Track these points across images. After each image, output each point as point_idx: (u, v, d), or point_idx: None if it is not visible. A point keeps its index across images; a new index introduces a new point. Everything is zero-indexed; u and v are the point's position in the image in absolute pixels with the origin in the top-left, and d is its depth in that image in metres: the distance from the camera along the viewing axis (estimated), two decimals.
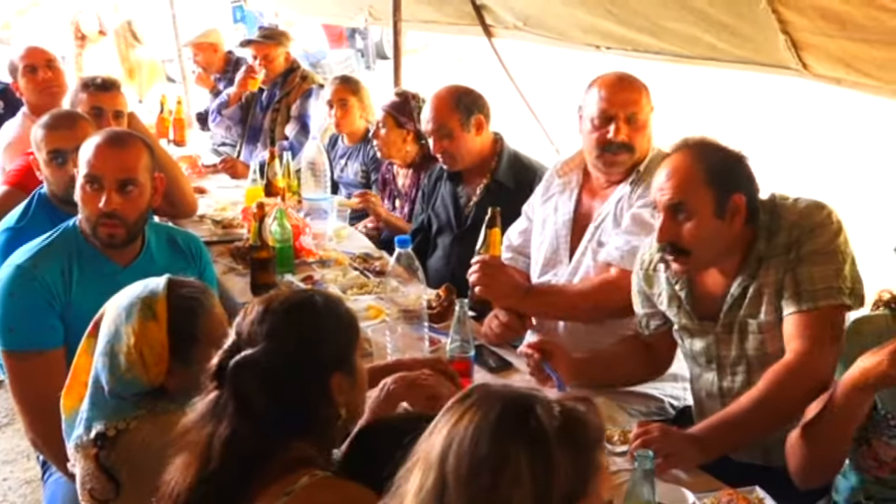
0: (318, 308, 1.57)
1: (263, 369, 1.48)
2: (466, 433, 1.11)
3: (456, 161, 3.31)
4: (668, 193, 2.12)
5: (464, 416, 1.13)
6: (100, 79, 3.42)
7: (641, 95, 2.59)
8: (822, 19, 2.61)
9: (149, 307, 1.80)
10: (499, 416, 1.12)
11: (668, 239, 2.14)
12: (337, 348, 1.56)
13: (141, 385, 1.80)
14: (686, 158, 2.14)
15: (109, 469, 1.77)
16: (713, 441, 2.04)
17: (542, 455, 1.10)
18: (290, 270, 3.23)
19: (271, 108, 4.99)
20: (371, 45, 13.31)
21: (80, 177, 2.39)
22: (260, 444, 1.45)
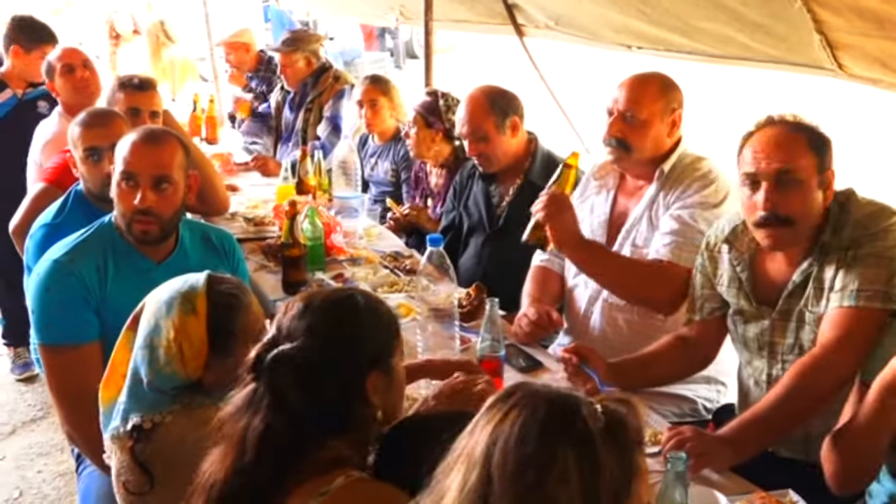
0: (358, 307, 1.58)
1: (300, 365, 1.49)
2: (513, 431, 1.12)
3: (492, 163, 3.31)
4: (776, 162, 2.08)
5: (509, 414, 1.14)
6: (137, 79, 3.45)
7: (645, 94, 2.60)
8: (858, 19, 2.58)
9: (189, 302, 1.83)
10: (546, 414, 1.13)
11: (774, 208, 2.09)
12: (375, 347, 1.57)
13: (179, 379, 1.82)
14: (784, 128, 2.12)
15: (144, 462, 1.79)
16: (744, 440, 2.04)
17: (589, 454, 1.11)
18: (321, 268, 3.25)
19: (304, 108, 5.02)
20: (401, 45, 13.35)
21: (116, 173, 2.42)
22: (294, 440, 1.46)
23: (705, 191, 2.57)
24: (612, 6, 3.58)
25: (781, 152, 2.08)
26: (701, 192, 2.57)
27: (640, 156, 2.64)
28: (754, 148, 2.12)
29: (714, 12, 3.10)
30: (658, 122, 2.61)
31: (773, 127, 2.14)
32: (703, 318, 2.43)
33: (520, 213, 3.25)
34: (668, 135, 2.64)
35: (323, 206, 3.64)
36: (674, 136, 2.66)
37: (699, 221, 2.53)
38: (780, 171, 2.08)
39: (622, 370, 2.41)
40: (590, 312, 2.77)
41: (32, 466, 3.74)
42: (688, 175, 2.61)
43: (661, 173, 2.64)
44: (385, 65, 11.84)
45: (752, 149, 2.13)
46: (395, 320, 1.65)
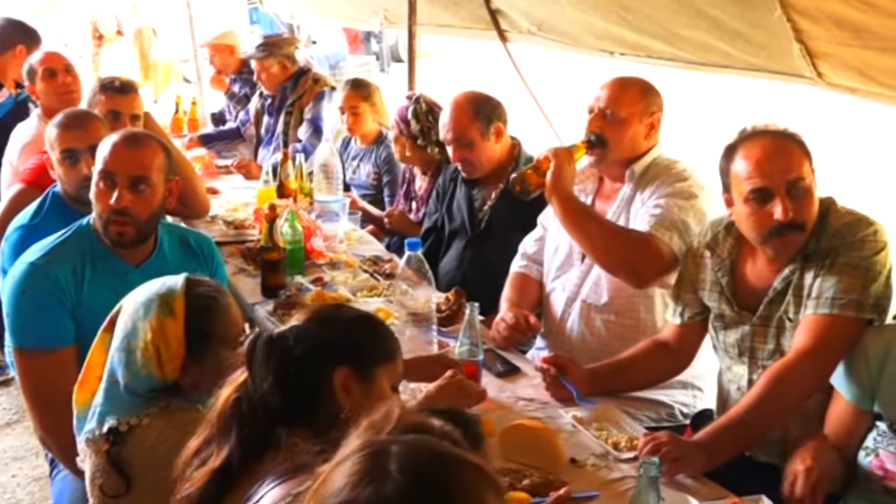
0: (354, 312, 1.67)
1: (275, 343, 1.54)
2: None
3: (475, 169, 3.32)
4: (785, 172, 2.10)
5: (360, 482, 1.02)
6: (118, 81, 3.44)
7: (626, 94, 2.65)
8: (837, 28, 2.60)
9: (167, 304, 1.82)
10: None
11: (792, 217, 2.10)
12: (354, 346, 1.58)
13: (155, 381, 1.82)
14: (777, 137, 2.15)
15: (120, 465, 1.78)
16: (719, 445, 2.05)
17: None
18: (301, 272, 3.24)
19: (284, 111, 5.02)
20: (386, 49, 13.35)
21: (95, 174, 2.41)
22: (260, 416, 1.52)
23: (679, 184, 2.59)
24: (594, 12, 3.59)
25: (788, 161, 2.11)
26: (675, 185, 2.59)
27: (616, 154, 2.66)
28: (757, 160, 2.13)
29: (695, 20, 3.11)
30: (637, 122, 2.65)
31: (766, 137, 2.16)
32: (683, 322, 2.44)
33: (502, 218, 3.27)
34: (645, 136, 2.68)
35: (303, 210, 3.63)
36: (651, 139, 2.69)
37: (678, 209, 2.54)
38: (792, 181, 2.10)
39: (600, 376, 2.42)
40: (567, 314, 2.78)
41: (6, 471, 3.70)
42: (662, 174, 2.64)
43: (633, 173, 2.67)
44: (370, 68, 11.84)
45: (751, 161, 2.13)
46: (392, 340, 1.67)
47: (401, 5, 4.60)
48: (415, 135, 3.75)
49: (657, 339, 2.51)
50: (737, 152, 2.17)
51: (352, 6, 5.71)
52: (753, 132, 2.19)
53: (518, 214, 3.16)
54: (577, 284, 2.76)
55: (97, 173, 2.40)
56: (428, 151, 3.77)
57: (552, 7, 3.86)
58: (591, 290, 2.72)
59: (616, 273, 2.60)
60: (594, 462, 2.07)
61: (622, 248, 2.54)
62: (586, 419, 2.24)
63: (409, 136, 3.77)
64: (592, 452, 2.11)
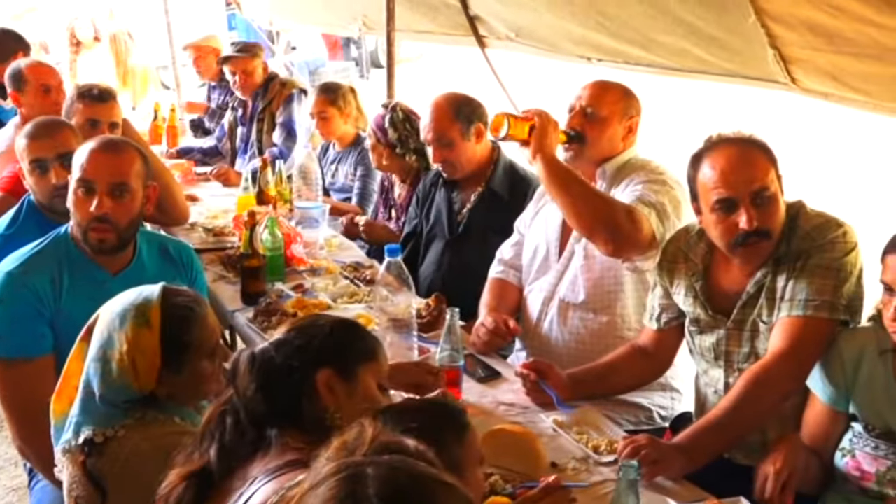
0: (331, 318, 1.68)
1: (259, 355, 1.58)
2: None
3: (456, 170, 3.33)
4: (749, 182, 2.12)
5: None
6: (96, 89, 3.42)
7: (608, 94, 2.68)
8: (810, 33, 2.64)
9: (143, 314, 1.81)
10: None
11: (759, 225, 2.13)
12: (335, 347, 1.60)
13: (131, 392, 1.80)
14: (742, 145, 2.17)
15: (96, 476, 1.77)
16: (698, 448, 2.06)
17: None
18: (281, 279, 3.23)
19: (255, 119, 5.03)
20: (366, 55, 13.35)
21: (72, 182, 2.40)
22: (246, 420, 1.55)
23: (654, 176, 2.61)
24: (571, 19, 3.62)
25: (751, 171, 2.13)
26: (650, 176, 2.62)
27: (592, 151, 2.68)
28: (721, 170, 2.15)
29: (672, 26, 3.14)
30: (616, 122, 2.68)
31: (731, 146, 2.17)
32: (660, 327, 2.47)
33: (480, 220, 3.28)
34: (622, 138, 2.71)
35: (283, 217, 3.63)
36: (627, 142, 2.72)
37: (655, 194, 2.55)
38: (756, 191, 2.12)
39: (580, 381, 2.43)
40: (545, 314, 2.79)
41: None
42: (636, 171, 2.66)
43: (604, 172, 2.70)
44: (350, 74, 11.83)
45: (716, 171, 2.15)
46: (372, 339, 1.69)
47: (379, 11, 4.61)
48: (392, 143, 3.76)
49: (635, 343, 2.53)
50: (702, 161, 2.20)
51: (330, 12, 5.71)
52: (719, 140, 2.21)
53: (496, 217, 3.18)
54: (553, 284, 2.78)
55: (75, 181, 2.39)
56: (406, 159, 3.78)
57: (530, 13, 3.89)
58: (569, 288, 2.74)
59: (595, 235, 2.53)
60: (575, 466, 2.08)
61: (605, 209, 2.51)
62: (567, 423, 2.26)
63: (386, 144, 3.78)
64: (573, 456, 2.12)
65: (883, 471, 1.96)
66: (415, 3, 4.56)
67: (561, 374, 2.39)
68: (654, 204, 2.53)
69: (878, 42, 2.42)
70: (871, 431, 1.98)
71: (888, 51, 2.43)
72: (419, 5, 4.57)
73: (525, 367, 2.40)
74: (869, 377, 2.00)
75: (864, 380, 2.01)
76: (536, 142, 2.56)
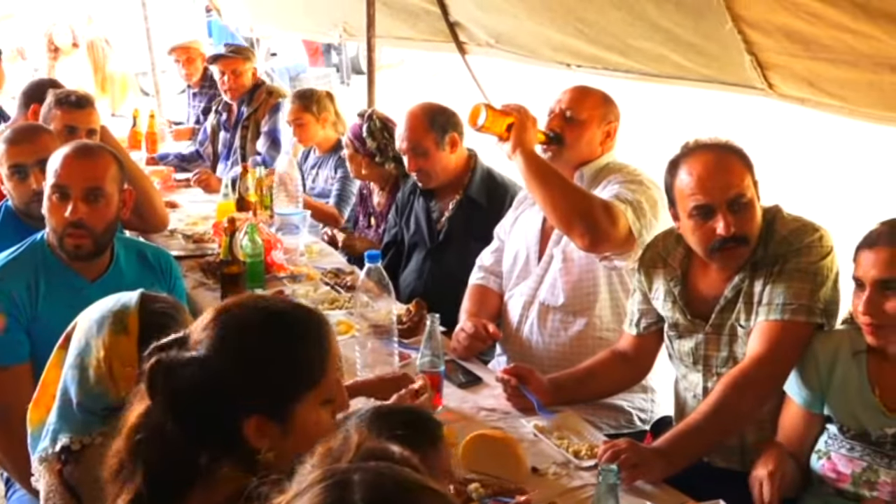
0: (268, 319, 1.42)
1: (180, 374, 1.37)
2: None
3: (431, 179, 3.33)
4: (726, 188, 2.14)
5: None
6: (74, 96, 3.40)
7: (587, 99, 2.72)
8: (787, 39, 2.66)
9: (120, 321, 1.78)
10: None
11: (736, 231, 2.15)
12: (265, 387, 1.37)
13: (109, 400, 1.78)
14: (718, 152, 2.18)
15: (72, 485, 1.75)
16: (678, 452, 2.07)
17: None
18: (261, 285, 3.22)
19: (240, 126, 5.00)
20: (346, 61, 13.33)
21: (47, 188, 2.39)
22: (170, 449, 1.37)
23: (631, 177, 2.64)
24: (550, 25, 3.64)
25: (729, 177, 2.14)
26: (627, 176, 2.64)
27: (571, 154, 2.71)
28: (698, 176, 2.16)
29: (649, 32, 3.16)
30: (595, 126, 2.72)
31: (708, 153, 2.19)
32: (640, 332, 2.48)
33: (460, 228, 3.29)
34: (600, 143, 2.74)
35: (264, 223, 3.62)
36: (605, 146, 2.75)
37: (631, 192, 2.57)
38: (732, 198, 2.13)
39: (561, 385, 2.44)
40: (525, 318, 2.80)
41: None
42: (613, 174, 2.69)
43: (582, 175, 2.72)
44: (331, 80, 11.81)
45: (693, 178, 2.17)
46: (316, 353, 1.43)
47: (360, 17, 4.60)
48: (371, 152, 3.76)
49: (615, 349, 2.54)
50: (679, 168, 2.21)
51: (311, 18, 5.71)
52: (695, 146, 2.23)
53: (475, 224, 3.18)
54: (533, 288, 2.79)
55: (49, 187, 2.37)
56: (385, 167, 3.78)
57: (510, 20, 3.90)
58: (549, 291, 2.75)
59: (573, 228, 2.53)
60: (555, 471, 2.08)
61: (582, 202, 2.52)
62: (548, 428, 2.26)
63: (365, 153, 3.78)
64: (554, 461, 2.12)
65: (858, 472, 1.97)
66: (395, 9, 4.57)
67: (542, 379, 2.39)
68: (631, 201, 2.55)
69: (853, 48, 2.45)
70: (846, 433, 2.00)
71: (863, 57, 2.46)
72: (399, 12, 4.58)
73: (506, 372, 2.40)
74: (843, 379, 2.02)
75: (838, 381, 2.03)
76: (516, 137, 2.58)
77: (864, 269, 1.93)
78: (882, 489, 1.94)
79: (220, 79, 4.99)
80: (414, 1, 4.41)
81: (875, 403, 1.97)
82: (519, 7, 3.71)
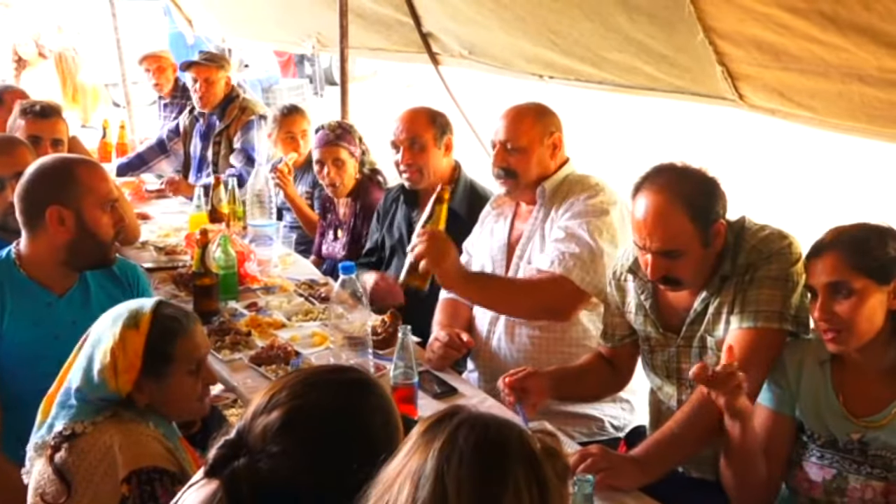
0: (352, 431, 1.36)
1: (264, 481, 1.33)
2: (465, 449, 1.16)
3: (422, 176, 3.28)
4: (657, 242, 2.14)
5: (456, 434, 1.17)
6: (39, 105, 3.36)
7: (522, 124, 2.73)
8: (757, 51, 2.69)
9: (134, 318, 1.85)
10: (495, 434, 1.18)
11: (663, 275, 2.17)
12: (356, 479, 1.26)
13: (107, 390, 1.80)
14: (665, 196, 2.14)
15: (63, 471, 1.74)
16: (653, 460, 2.07)
17: (536, 475, 1.17)
18: (235, 297, 3.19)
19: (212, 140, 4.93)
20: (320, 72, 13.30)
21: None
22: None
23: (591, 200, 2.65)
24: (523, 36, 3.65)
25: (661, 229, 2.13)
26: (587, 201, 2.66)
27: (527, 180, 2.74)
28: (636, 220, 2.17)
29: (622, 44, 3.18)
30: (538, 146, 2.73)
31: (655, 194, 2.15)
32: (614, 345, 2.48)
33: None
34: (550, 157, 2.76)
35: (237, 235, 3.58)
36: (557, 158, 2.77)
37: (590, 231, 2.59)
38: (661, 250, 2.14)
39: (560, 378, 2.42)
40: (492, 332, 2.80)
41: None
42: (575, 189, 2.71)
43: (543, 191, 2.74)
44: (304, 92, 11.76)
45: (636, 217, 2.18)
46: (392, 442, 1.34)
47: (333, 28, 4.59)
48: (361, 161, 3.79)
49: (600, 352, 2.54)
50: (635, 197, 2.21)
51: (283, 29, 5.69)
52: (652, 177, 2.19)
53: (456, 236, 3.16)
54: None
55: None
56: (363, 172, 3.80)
57: (483, 31, 3.91)
58: None
59: (537, 319, 2.68)
60: None
61: (529, 298, 2.63)
62: None
63: (357, 161, 3.81)
64: None
65: (829, 479, 1.98)
66: (368, 20, 4.57)
67: (543, 380, 2.35)
68: (578, 255, 2.56)
69: (822, 59, 2.48)
70: (816, 441, 2.01)
71: (832, 67, 2.49)
72: (373, 23, 4.58)
73: (507, 385, 2.31)
74: (810, 387, 2.04)
75: (805, 390, 2.05)
76: (441, 277, 2.58)
77: (815, 277, 1.96)
78: (852, 495, 1.96)
79: (193, 86, 4.89)
80: (387, 12, 4.42)
81: (840, 410, 1.99)
82: (492, 18, 3.72)
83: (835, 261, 1.92)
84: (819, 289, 1.95)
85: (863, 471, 1.95)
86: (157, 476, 1.70)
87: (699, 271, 2.19)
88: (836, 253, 1.93)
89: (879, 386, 1.97)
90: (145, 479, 1.69)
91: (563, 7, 3.26)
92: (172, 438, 1.88)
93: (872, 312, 1.91)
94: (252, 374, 2.62)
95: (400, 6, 4.28)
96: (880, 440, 1.93)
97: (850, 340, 1.93)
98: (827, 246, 1.96)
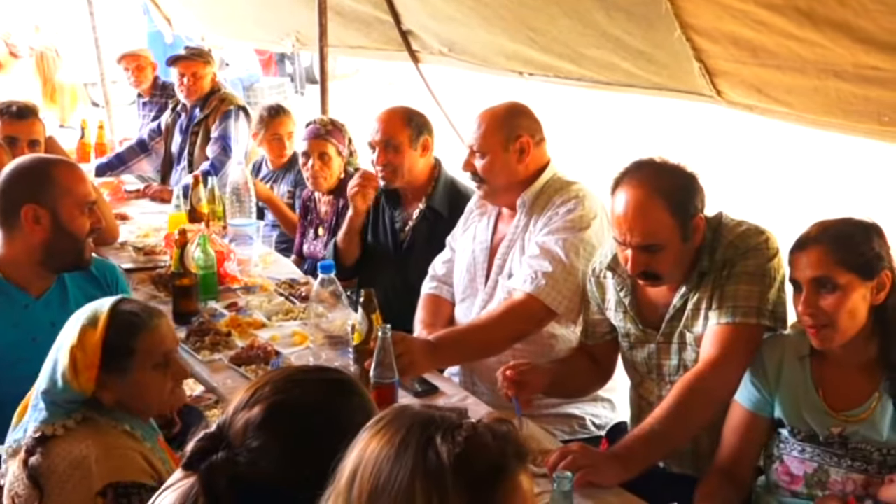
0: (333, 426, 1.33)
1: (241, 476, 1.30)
2: (371, 456, 1.11)
3: (396, 176, 3.27)
4: (637, 236, 2.14)
5: (373, 439, 1.13)
6: (15, 106, 3.34)
7: (486, 128, 2.67)
8: (734, 47, 2.70)
9: (92, 316, 1.85)
10: (401, 442, 1.11)
11: (643, 269, 2.18)
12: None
13: (72, 391, 1.79)
14: (644, 190, 2.15)
15: (37, 476, 1.73)
16: (633, 456, 2.08)
17: (438, 488, 1.08)
18: (214, 297, 3.17)
19: (190, 131, 4.92)
20: (301, 70, 13.25)
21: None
22: None
23: (571, 215, 2.60)
24: (503, 34, 3.65)
25: (641, 223, 2.14)
26: (567, 216, 2.61)
27: (494, 185, 2.70)
28: (616, 214, 2.18)
29: (600, 40, 3.19)
30: (500, 152, 2.66)
31: (635, 189, 2.16)
32: (595, 342, 2.49)
33: (423, 239, 3.27)
34: (518, 162, 2.68)
35: (216, 234, 3.56)
36: (527, 163, 2.69)
37: (566, 249, 2.55)
38: (641, 244, 2.15)
39: (559, 374, 2.42)
40: None
41: None
42: (556, 199, 2.66)
43: (524, 202, 2.70)
44: (285, 90, 11.71)
45: (616, 212, 2.19)
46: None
47: (312, 27, 4.57)
48: (347, 161, 3.79)
49: (581, 348, 2.55)
50: (615, 192, 2.21)
51: (262, 28, 5.66)
52: (632, 172, 2.21)
53: (438, 234, 3.17)
54: (480, 308, 2.77)
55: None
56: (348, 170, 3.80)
57: (463, 29, 3.91)
58: None
59: (512, 345, 2.62)
60: None
61: (502, 330, 2.57)
62: None
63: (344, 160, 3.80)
64: None
65: (810, 473, 2.00)
66: (348, 18, 4.55)
67: (543, 375, 2.35)
68: (550, 274, 2.53)
69: (799, 55, 2.49)
70: (797, 435, 2.03)
71: (809, 63, 2.50)
72: (352, 21, 4.56)
73: (506, 378, 2.29)
74: (789, 382, 2.06)
75: (785, 385, 2.06)
76: (415, 374, 2.50)
77: (799, 271, 1.97)
78: (833, 488, 1.98)
79: (180, 80, 4.87)
80: (366, 10, 4.40)
81: (820, 405, 2.00)
82: (471, 16, 3.71)
83: (820, 255, 1.93)
84: (804, 283, 1.95)
85: (843, 464, 1.97)
86: (135, 491, 1.69)
87: (678, 266, 2.20)
88: (822, 247, 1.93)
89: (859, 380, 1.98)
90: (122, 493, 1.68)
91: (542, 4, 3.26)
92: (150, 439, 1.87)
93: (856, 307, 1.92)
94: (232, 375, 2.61)
95: (379, 4, 4.27)
96: (860, 434, 1.95)
97: (834, 337, 1.94)
98: (812, 240, 1.96)
